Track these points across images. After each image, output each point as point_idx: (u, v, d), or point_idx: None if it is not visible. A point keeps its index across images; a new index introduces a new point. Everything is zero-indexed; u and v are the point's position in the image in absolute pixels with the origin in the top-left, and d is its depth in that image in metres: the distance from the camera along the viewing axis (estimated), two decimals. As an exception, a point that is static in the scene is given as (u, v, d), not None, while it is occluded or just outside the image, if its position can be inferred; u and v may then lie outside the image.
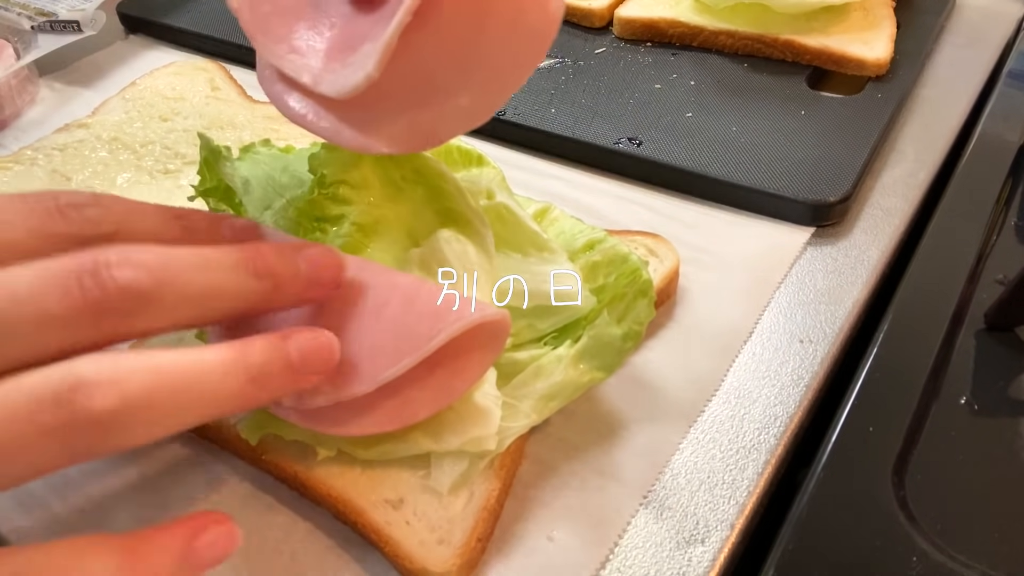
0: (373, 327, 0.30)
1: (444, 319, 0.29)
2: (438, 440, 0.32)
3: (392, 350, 0.29)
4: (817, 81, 0.57)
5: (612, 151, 0.51)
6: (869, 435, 0.35)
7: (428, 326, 0.29)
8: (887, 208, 0.49)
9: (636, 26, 0.60)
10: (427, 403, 0.31)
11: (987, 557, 0.31)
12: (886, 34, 0.57)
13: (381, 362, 0.29)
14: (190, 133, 0.53)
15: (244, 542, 0.33)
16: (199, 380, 0.25)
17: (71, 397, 0.23)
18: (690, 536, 0.33)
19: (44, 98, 0.60)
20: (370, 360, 0.29)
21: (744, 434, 0.37)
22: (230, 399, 0.26)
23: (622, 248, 0.37)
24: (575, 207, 0.47)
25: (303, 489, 0.34)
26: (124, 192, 0.48)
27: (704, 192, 0.49)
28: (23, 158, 0.51)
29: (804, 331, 0.42)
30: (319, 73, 0.28)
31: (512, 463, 0.34)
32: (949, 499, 0.33)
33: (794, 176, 0.48)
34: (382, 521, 0.32)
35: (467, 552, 0.31)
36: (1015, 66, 0.58)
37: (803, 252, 0.46)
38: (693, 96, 0.55)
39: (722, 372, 0.40)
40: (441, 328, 0.29)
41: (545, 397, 0.34)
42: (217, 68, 0.59)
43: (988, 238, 0.44)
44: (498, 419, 0.33)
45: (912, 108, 0.56)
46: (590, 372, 0.34)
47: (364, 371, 0.29)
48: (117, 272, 0.25)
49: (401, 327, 0.30)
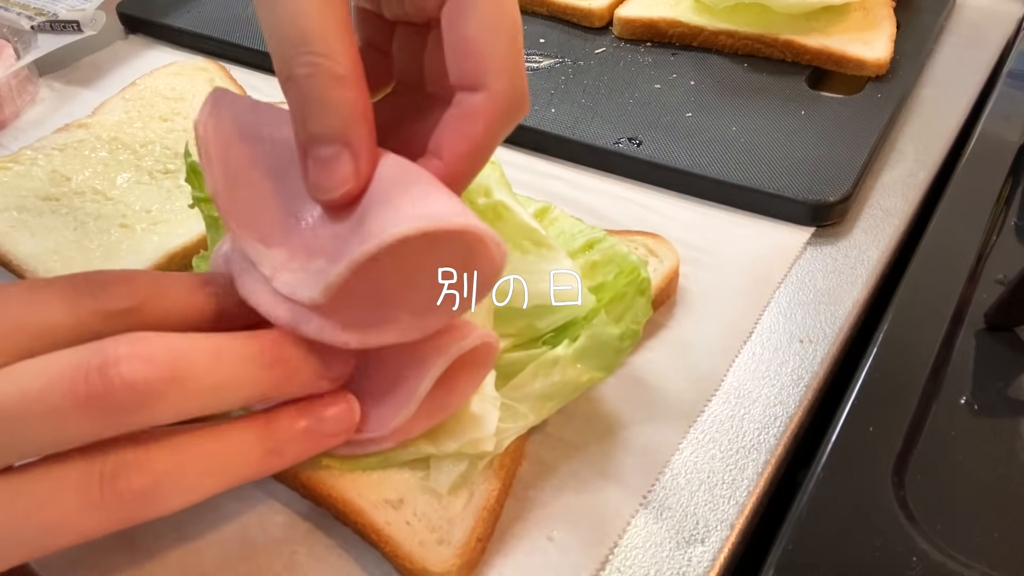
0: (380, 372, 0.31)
1: (426, 362, 0.30)
2: (436, 444, 0.32)
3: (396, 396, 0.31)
4: (817, 81, 0.57)
5: (612, 151, 0.51)
6: (869, 435, 0.35)
7: (416, 371, 0.30)
8: (887, 208, 0.49)
9: (636, 26, 0.60)
10: (422, 421, 0.32)
11: (987, 557, 0.31)
12: (886, 34, 0.57)
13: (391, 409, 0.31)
14: (190, 133, 0.53)
15: (244, 542, 0.33)
16: (223, 457, 0.29)
17: (112, 476, 0.26)
18: (690, 536, 0.33)
19: (44, 98, 0.60)
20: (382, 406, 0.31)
21: (744, 434, 0.37)
22: (251, 471, 0.29)
23: (621, 247, 0.37)
24: (575, 207, 0.47)
25: (303, 489, 0.34)
26: (124, 192, 0.48)
27: (704, 192, 0.49)
28: (23, 158, 0.51)
29: (804, 331, 0.42)
30: (278, 268, 0.29)
31: (512, 463, 0.34)
32: (949, 499, 0.33)
33: (794, 176, 0.48)
34: (382, 521, 0.32)
35: (467, 552, 0.31)
36: (1015, 66, 0.58)
37: (803, 252, 0.46)
38: (693, 96, 0.55)
39: (722, 372, 0.40)
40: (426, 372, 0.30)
41: (543, 397, 0.34)
42: (217, 68, 0.59)
43: (988, 238, 0.44)
44: (496, 421, 0.33)
45: (912, 108, 0.56)
46: (588, 372, 0.34)
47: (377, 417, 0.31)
48: (125, 368, 0.26)
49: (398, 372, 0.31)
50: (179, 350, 0.27)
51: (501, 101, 0.29)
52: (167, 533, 0.33)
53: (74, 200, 0.48)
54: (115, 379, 0.25)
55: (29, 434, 0.26)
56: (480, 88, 0.29)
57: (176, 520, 0.34)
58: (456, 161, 0.29)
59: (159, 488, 0.27)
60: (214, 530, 0.34)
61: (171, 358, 0.26)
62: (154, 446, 0.27)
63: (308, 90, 0.27)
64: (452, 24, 0.29)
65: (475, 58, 0.29)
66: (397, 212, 0.27)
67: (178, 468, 0.27)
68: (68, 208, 0.47)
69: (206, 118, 0.30)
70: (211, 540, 0.33)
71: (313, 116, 0.28)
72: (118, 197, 0.48)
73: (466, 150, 0.29)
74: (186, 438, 0.28)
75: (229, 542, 0.33)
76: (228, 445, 0.29)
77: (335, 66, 0.27)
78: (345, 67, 0.27)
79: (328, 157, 0.28)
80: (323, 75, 0.27)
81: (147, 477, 0.27)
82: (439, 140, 0.30)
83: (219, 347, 0.28)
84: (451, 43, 0.30)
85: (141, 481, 0.27)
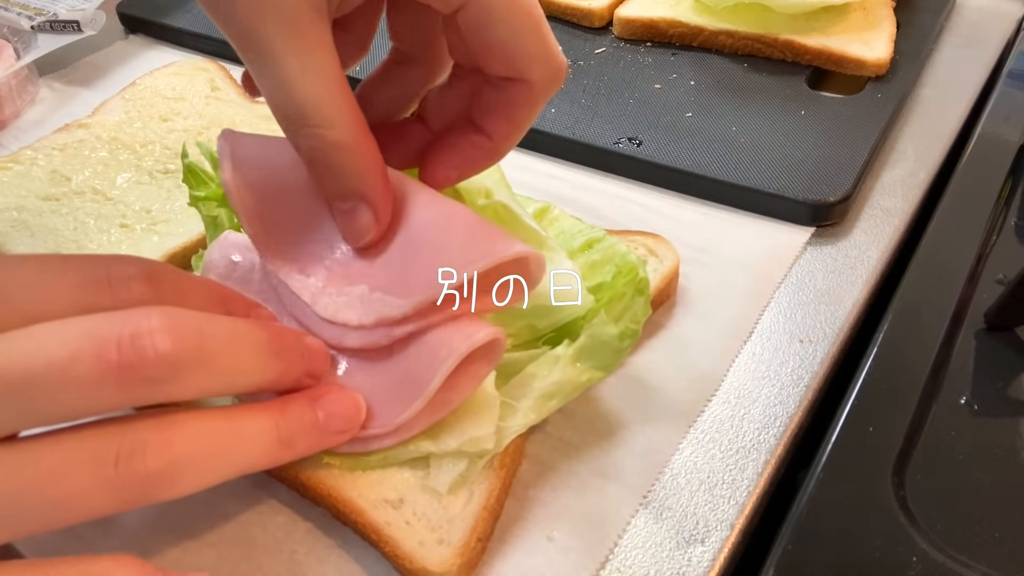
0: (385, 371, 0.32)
1: (437, 357, 0.31)
2: (437, 442, 0.32)
3: (402, 394, 0.31)
4: (817, 81, 0.57)
5: (612, 151, 0.51)
6: (869, 435, 0.35)
7: (427, 367, 0.31)
8: (887, 208, 0.49)
9: (636, 26, 0.60)
10: (423, 417, 0.32)
11: (987, 557, 0.31)
12: (886, 34, 0.57)
13: (396, 407, 0.31)
14: (190, 133, 0.53)
15: (244, 542, 0.33)
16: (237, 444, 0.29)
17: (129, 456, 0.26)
18: (690, 536, 0.33)
19: (44, 98, 0.60)
20: (387, 403, 0.32)
21: (744, 434, 0.37)
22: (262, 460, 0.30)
23: (620, 247, 0.37)
24: (575, 207, 0.47)
25: (303, 489, 0.34)
26: (124, 192, 0.48)
27: (704, 192, 0.49)
28: (23, 158, 0.51)
29: (804, 331, 0.42)
30: (317, 295, 0.33)
31: (512, 463, 0.34)
32: (949, 499, 0.33)
33: (794, 176, 0.48)
34: (382, 521, 0.32)
35: (467, 552, 0.31)
36: (1015, 66, 0.58)
37: (803, 252, 0.46)
38: (693, 96, 0.55)
39: (722, 372, 0.40)
40: (436, 369, 0.31)
41: (544, 396, 0.34)
42: (217, 68, 0.59)
43: (988, 238, 0.44)
44: (496, 419, 0.33)
45: (912, 108, 0.56)
46: (588, 371, 0.34)
47: (382, 414, 0.32)
48: (159, 339, 0.26)
49: (407, 370, 0.32)
50: (204, 328, 0.27)
51: (539, 87, 0.32)
52: (167, 532, 0.33)
53: (74, 200, 0.48)
54: (148, 350, 0.25)
55: (50, 401, 0.25)
56: (517, 80, 0.31)
57: (176, 519, 0.34)
58: (504, 140, 0.33)
59: (174, 471, 0.27)
60: (214, 530, 0.34)
61: (199, 335, 0.27)
62: (172, 428, 0.27)
63: (315, 158, 0.30)
64: (474, 32, 0.30)
65: (505, 62, 0.31)
66: (451, 253, 0.31)
67: (194, 452, 0.27)
68: (68, 208, 0.47)
69: (231, 176, 0.33)
70: (211, 540, 0.33)
71: (326, 179, 0.31)
72: (118, 197, 0.48)
73: (512, 130, 0.33)
74: (203, 422, 0.28)
75: (229, 542, 0.33)
76: (242, 432, 0.29)
77: (334, 134, 0.29)
78: (344, 132, 0.29)
79: (348, 210, 0.31)
80: (325, 145, 0.29)
81: (164, 459, 0.26)
82: (486, 121, 0.33)
83: (236, 330, 0.29)
84: (478, 49, 0.31)
85: (158, 462, 0.26)
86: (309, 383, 0.31)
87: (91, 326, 0.26)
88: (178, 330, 0.26)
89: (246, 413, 0.29)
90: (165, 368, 0.26)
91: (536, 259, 0.32)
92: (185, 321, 0.27)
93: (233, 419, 0.29)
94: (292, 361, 0.31)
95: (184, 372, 0.26)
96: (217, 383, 0.28)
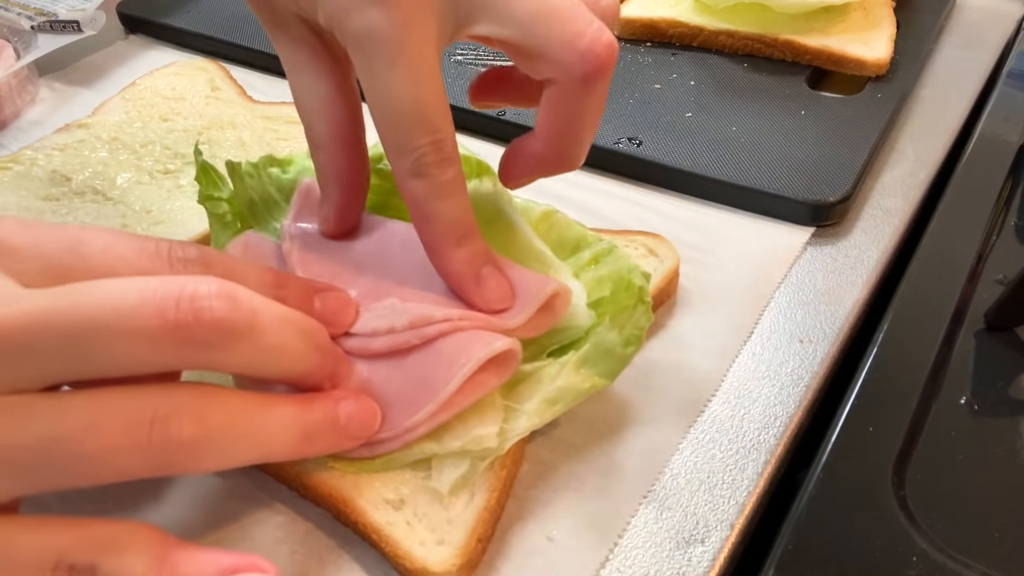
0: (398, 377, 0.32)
1: (455, 363, 0.31)
2: (440, 442, 0.32)
3: (413, 399, 0.32)
4: (817, 81, 0.57)
5: (612, 151, 0.51)
6: (869, 435, 0.35)
7: (443, 372, 0.31)
8: (887, 208, 0.49)
9: (636, 26, 0.60)
10: (428, 420, 0.32)
11: (987, 557, 0.31)
12: (886, 34, 0.57)
13: (405, 412, 0.32)
14: (190, 133, 0.53)
15: (244, 542, 0.33)
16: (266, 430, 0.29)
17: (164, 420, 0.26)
18: (690, 536, 0.33)
19: (44, 98, 0.60)
20: (396, 408, 0.32)
21: (744, 434, 0.37)
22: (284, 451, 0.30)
23: (628, 261, 0.37)
24: (575, 207, 0.47)
25: (303, 489, 0.34)
26: (124, 192, 0.48)
27: (704, 192, 0.49)
28: (23, 158, 0.51)
29: (804, 331, 0.42)
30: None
31: (513, 464, 0.34)
32: (949, 499, 0.33)
33: (794, 176, 0.48)
34: (383, 521, 0.32)
35: (467, 552, 0.31)
36: (1015, 66, 0.58)
37: (803, 252, 0.46)
38: (693, 96, 0.55)
39: (722, 372, 0.40)
40: (453, 375, 0.31)
41: (547, 401, 0.34)
42: (217, 68, 0.59)
43: (988, 238, 0.44)
44: (500, 419, 0.33)
45: (912, 108, 0.56)
46: (592, 378, 0.34)
47: (390, 419, 0.32)
48: (217, 303, 0.26)
49: (420, 375, 0.32)
50: (257, 305, 0.28)
51: (576, 83, 0.31)
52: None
53: (74, 200, 0.48)
54: (205, 312, 0.26)
55: (103, 350, 0.25)
56: (553, 81, 0.32)
57: (176, 519, 0.34)
58: (549, 143, 0.34)
59: (206, 443, 0.27)
60: (214, 530, 0.34)
61: (252, 307, 0.27)
62: (210, 399, 0.27)
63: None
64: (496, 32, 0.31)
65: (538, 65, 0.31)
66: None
67: (226, 429, 0.27)
68: (68, 208, 0.47)
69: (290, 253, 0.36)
70: (211, 540, 0.33)
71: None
72: (118, 197, 0.48)
73: (556, 133, 0.33)
74: (238, 400, 0.28)
75: (229, 542, 0.33)
76: (271, 418, 0.29)
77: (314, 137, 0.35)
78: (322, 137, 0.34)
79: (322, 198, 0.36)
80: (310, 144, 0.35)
81: (200, 430, 0.26)
82: (536, 125, 0.34)
83: (284, 313, 0.29)
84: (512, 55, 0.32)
85: (193, 432, 0.26)
86: (329, 385, 0.32)
87: (155, 284, 0.26)
88: (235, 299, 0.27)
89: (276, 401, 0.30)
90: (218, 333, 0.26)
91: (564, 297, 0.34)
92: (240, 291, 0.27)
93: (264, 404, 0.29)
94: (329, 357, 0.31)
95: (233, 341, 0.27)
96: (260, 360, 0.28)
